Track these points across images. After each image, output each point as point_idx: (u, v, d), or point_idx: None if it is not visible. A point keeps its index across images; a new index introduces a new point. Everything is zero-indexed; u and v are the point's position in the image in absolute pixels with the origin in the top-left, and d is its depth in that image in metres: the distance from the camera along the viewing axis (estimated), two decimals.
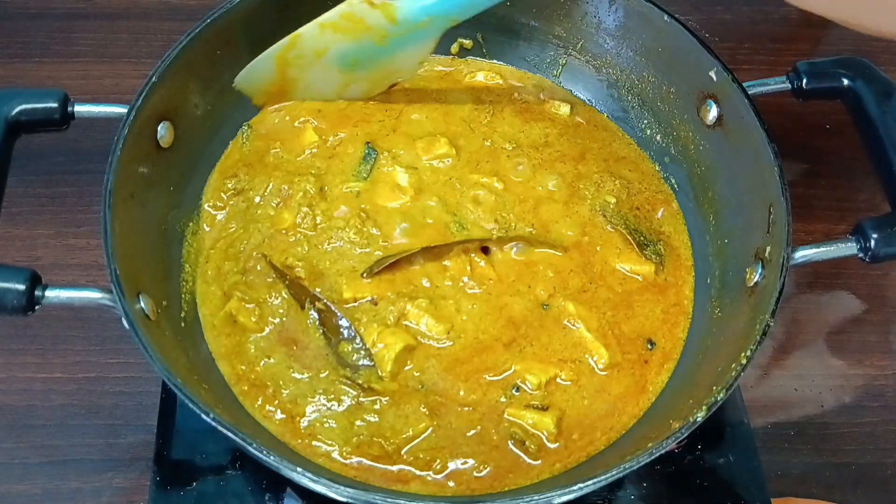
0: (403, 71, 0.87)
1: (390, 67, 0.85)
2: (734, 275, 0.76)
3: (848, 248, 0.70)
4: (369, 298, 0.77)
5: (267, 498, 0.74)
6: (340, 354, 0.74)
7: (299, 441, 0.71)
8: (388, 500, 0.62)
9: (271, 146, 0.86)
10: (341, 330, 0.75)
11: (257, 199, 0.82)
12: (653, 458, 0.62)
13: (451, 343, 0.76)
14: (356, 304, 0.77)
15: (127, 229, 0.70)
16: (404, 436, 0.71)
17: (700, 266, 0.82)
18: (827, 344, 0.90)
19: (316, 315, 0.75)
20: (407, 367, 0.74)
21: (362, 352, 0.74)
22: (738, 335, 0.70)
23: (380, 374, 0.73)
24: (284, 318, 0.76)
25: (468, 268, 0.79)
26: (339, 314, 0.76)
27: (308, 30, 0.80)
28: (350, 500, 0.63)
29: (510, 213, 0.83)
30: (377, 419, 0.71)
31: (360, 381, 0.73)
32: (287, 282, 0.77)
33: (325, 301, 0.76)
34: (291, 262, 0.78)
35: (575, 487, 0.61)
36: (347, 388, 0.72)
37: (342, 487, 0.61)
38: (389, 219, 0.82)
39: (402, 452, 0.70)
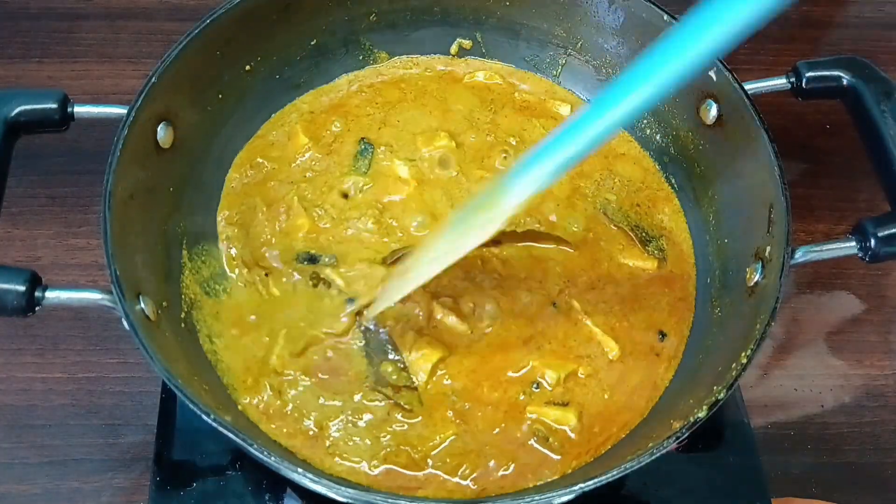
0: None
1: None
2: (734, 274, 0.76)
3: (848, 247, 0.70)
4: None
5: (267, 498, 0.74)
6: (381, 374, 0.74)
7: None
8: (389, 500, 0.61)
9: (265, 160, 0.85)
10: (384, 346, 0.75)
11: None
12: (653, 458, 0.61)
13: (474, 342, 0.75)
14: None
15: (127, 230, 0.70)
16: (431, 443, 0.71)
17: (701, 265, 0.82)
18: (827, 344, 0.90)
19: (363, 340, 0.75)
20: (439, 373, 0.74)
21: (403, 373, 0.74)
22: (739, 335, 0.70)
23: (420, 399, 0.73)
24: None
25: (479, 262, 0.79)
26: (380, 331, 0.75)
27: None
28: (350, 501, 0.63)
29: None
30: (405, 428, 0.71)
31: (402, 403, 0.72)
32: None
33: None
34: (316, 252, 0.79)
35: (575, 488, 0.61)
36: (380, 403, 0.72)
37: (342, 488, 0.61)
38: (397, 215, 0.82)
39: (429, 459, 0.70)
